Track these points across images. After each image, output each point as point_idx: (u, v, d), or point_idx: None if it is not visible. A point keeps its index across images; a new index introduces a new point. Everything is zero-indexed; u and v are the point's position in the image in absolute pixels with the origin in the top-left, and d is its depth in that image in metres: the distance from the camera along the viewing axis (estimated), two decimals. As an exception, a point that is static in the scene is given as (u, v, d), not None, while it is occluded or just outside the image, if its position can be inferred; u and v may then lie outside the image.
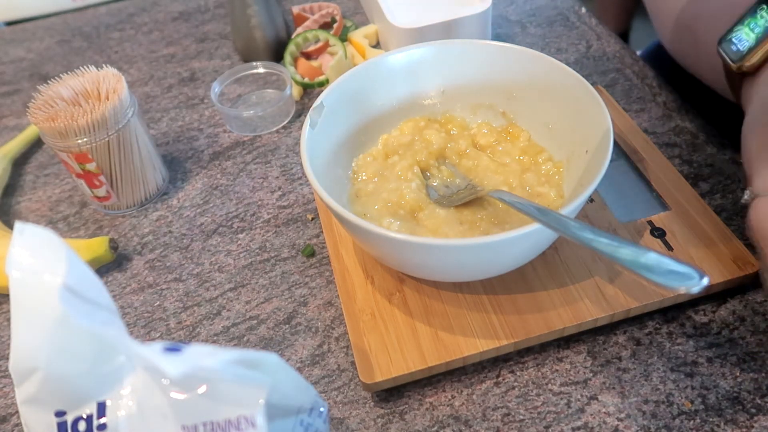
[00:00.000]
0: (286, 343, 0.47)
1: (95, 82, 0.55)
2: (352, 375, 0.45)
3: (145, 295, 0.52)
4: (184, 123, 0.70)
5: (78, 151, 0.54)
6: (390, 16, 0.68)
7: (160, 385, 0.30)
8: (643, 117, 0.61)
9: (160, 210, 0.60)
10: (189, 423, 0.30)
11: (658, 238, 0.47)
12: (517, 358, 0.44)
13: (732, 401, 0.40)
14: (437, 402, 0.42)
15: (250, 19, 0.74)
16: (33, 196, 0.64)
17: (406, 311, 0.45)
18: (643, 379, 0.42)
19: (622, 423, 0.40)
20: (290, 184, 0.60)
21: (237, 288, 0.52)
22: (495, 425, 0.41)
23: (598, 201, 0.50)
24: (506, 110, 0.53)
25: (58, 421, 0.31)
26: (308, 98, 0.70)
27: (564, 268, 0.46)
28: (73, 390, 0.31)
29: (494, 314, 0.44)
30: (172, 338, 0.49)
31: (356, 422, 0.42)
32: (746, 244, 0.46)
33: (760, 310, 0.45)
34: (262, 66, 0.71)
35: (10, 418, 0.46)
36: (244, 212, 0.58)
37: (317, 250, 0.53)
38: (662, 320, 0.45)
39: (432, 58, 0.52)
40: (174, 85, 0.76)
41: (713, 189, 0.53)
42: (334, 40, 0.73)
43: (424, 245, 0.38)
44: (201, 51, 0.81)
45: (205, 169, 0.64)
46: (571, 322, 0.42)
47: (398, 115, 0.54)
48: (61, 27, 0.91)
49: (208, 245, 0.56)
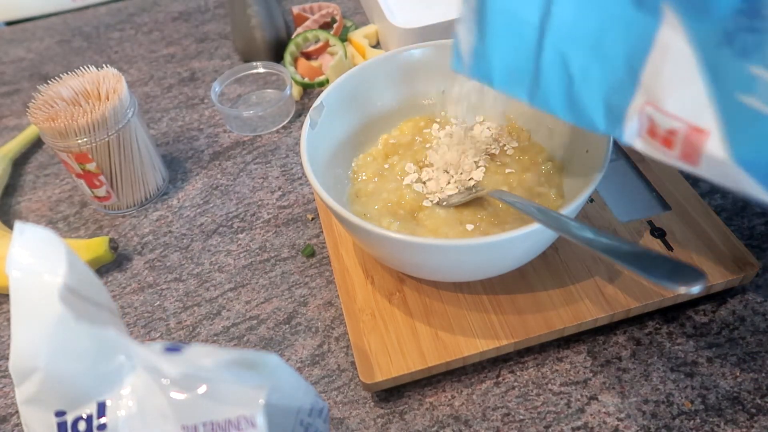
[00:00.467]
0: (286, 343, 0.47)
1: (95, 82, 0.55)
2: (352, 375, 0.45)
3: (145, 295, 0.52)
4: (184, 123, 0.70)
5: (78, 151, 0.54)
6: (390, 16, 0.68)
7: (160, 385, 0.30)
8: (643, 117, 0.61)
9: (160, 210, 0.60)
10: (189, 423, 0.30)
11: (658, 238, 0.47)
12: (517, 358, 0.44)
13: (732, 401, 0.40)
14: (437, 402, 0.42)
15: (250, 19, 0.74)
16: (33, 196, 0.64)
17: (406, 311, 0.45)
18: (643, 379, 0.42)
19: (622, 423, 0.40)
20: (290, 184, 0.60)
21: (237, 288, 0.52)
22: (495, 425, 0.41)
23: (598, 201, 0.50)
24: (506, 110, 0.53)
25: (58, 421, 0.31)
26: (308, 98, 0.70)
27: (564, 268, 0.46)
28: (73, 390, 0.31)
29: (494, 314, 0.44)
30: (172, 338, 0.49)
31: (356, 422, 0.42)
32: (746, 244, 0.46)
33: (760, 310, 0.45)
34: (262, 66, 0.71)
35: (10, 418, 0.46)
36: (244, 212, 0.58)
37: (317, 250, 0.53)
38: (662, 320, 0.45)
39: (432, 58, 0.52)
40: (174, 85, 0.76)
41: (713, 189, 0.53)
42: (334, 40, 0.73)
43: (424, 245, 0.38)
44: (201, 51, 0.81)
45: (205, 169, 0.64)
46: (571, 322, 0.42)
47: (398, 115, 0.53)
48: (61, 27, 0.91)
49: (208, 245, 0.56)
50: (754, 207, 0.51)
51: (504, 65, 0.35)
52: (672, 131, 0.29)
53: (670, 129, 0.28)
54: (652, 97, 0.29)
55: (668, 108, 0.28)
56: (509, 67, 0.35)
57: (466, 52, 0.37)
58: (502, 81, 0.36)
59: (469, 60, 0.37)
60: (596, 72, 0.32)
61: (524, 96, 0.35)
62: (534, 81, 0.34)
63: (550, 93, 0.34)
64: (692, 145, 0.28)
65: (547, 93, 0.34)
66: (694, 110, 0.27)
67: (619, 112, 0.31)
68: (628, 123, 0.31)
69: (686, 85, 0.27)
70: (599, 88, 0.32)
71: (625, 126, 0.31)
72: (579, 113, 0.33)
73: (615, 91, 0.31)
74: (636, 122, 0.30)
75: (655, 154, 0.30)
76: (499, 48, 0.35)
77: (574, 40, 0.32)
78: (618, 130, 0.31)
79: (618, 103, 0.31)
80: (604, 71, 0.31)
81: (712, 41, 0.26)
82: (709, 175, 0.28)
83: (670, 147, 0.29)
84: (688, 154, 0.28)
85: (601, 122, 0.32)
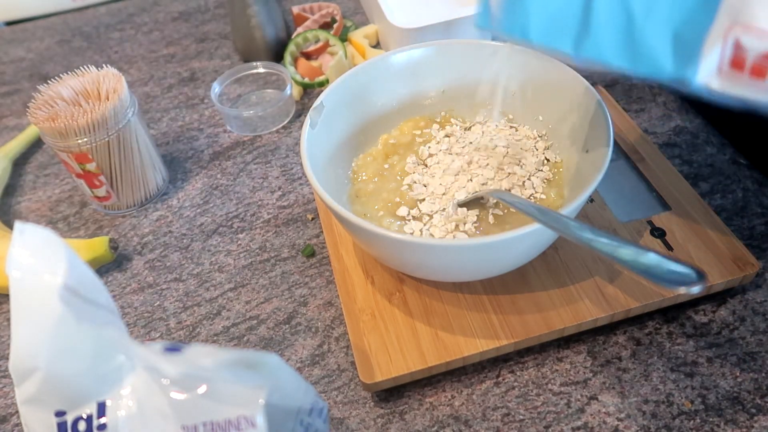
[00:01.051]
0: (286, 343, 0.47)
1: (95, 82, 0.55)
2: (352, 375, 0.45)
3: (145, 295, 0.52)
4: (184, 123, 0.70)
5: (78, 151, 0.54)
6: (390, 16, 0.68)
7: (160, 385, 0.30)
8: (643, 117, 0.61)
9: (160, 210, 0.60)
10: (189, 423, 0.30)
11: (658, 238, 0.47)
12: (517, 358, 0.44)
13: (732, 401, 0.40)
14: (437, 402, 0.42)
15: (250, 19, 0.74)
16: (33, 196, 0.64)
17: (406, 311, 0.45)
18: (643, 379, 0.42)
19: (622, 423, 0.40)
20: (290, 184, 0.60)
21: (237, 288, 0.52)
22: (495, 425, 0.41)
23: (598, 201, 0.50)
24: (506, 110, 0.53)
25: (58, 421, 0.31)
26: (308, 98, 0.70)
27: (564, 268, 0.46)
28: (73, 390, 0.31)
29: (494, 314, 0.44)
30: (172, 338, 0.49)
31: (356, 422, 0.42)
32: (746, 244, 0.46)
33: (760, 310, 0.45)
34: (262, 66, 0.71)
35: (10, 418, 0.46)
36: (244, 212, 0.58)
37: (317, 250, 0.53)
38: (662, 320, 0.45)
39: (432, 58, 0.52)
40: (174, 85, 0.76)
41: (713, 189, 0.53)
42: (334, 40, 0.73)
43: (424, 245, 0.38)
44: (201, 51, 0.81)
45: (205, 169, 0.64)
46: (571, 322, 0.42)
47: (398, 115, 0.54)
48: (61, 27, 0.91)
49: (208, 245, 0.56)
50: (754, 207, 0.51)
51: (545, 11, 0.31)
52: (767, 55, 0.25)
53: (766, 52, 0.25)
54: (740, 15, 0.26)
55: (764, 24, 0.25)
56: (551, 14, 0.31)
57: (496, 2, 0.32)
58: (543, 32, 0.31)
59: (500, 11, 0.32)
60: (664, 3, 0.28)
61: (569, 47, 0.31)
62: (583, 26, 0.30)
63: (603, 38, 0.30)
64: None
65: (599, 39, 0.30)
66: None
67: (695, 46, 0.27)
68: (705, 57, 0.27)
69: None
70: (668, 20, 0.28)
71: (700, 62, 0.27)
72: (640, 56, 0.29)
73: (689, 21, 0.27)
74: (716, 54, 0.27)
75: (738, 91, 0.26)
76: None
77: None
78: (690, 70, 0.27)
79: (693, 35, 0.27)
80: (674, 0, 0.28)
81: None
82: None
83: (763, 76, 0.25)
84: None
85: (668, 63, 0.28)
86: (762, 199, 0.52)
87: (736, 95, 0.27)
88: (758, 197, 0.52)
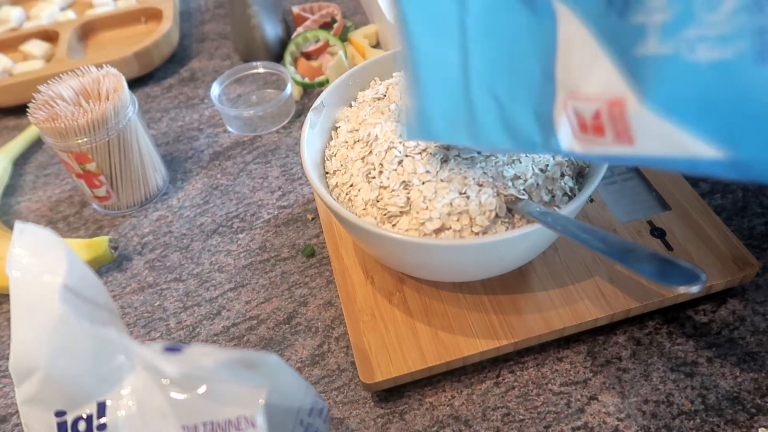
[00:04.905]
0: (286, 343, 0.47)
1: (95, 82, 0.55)
2: (352, 375, 0.45)
3: (145, 295, 0.52)
4: (184, 123, 0.70)
5: (78, 151, 0.54)
6: (390, 16, 0.68)
7: (160, 385, 0.30)
8: (643, 117, 0.61)
9: (160, 210, 0.60)
10: (189, 423, 0.30)
11: (658, 238, 0.47)
12: (517, 358, 0.44)
13: (732, 401, 0.40)
14: (437, 402, 0.42)
15: (250, 19, 0.74)
16: (33, 196, 0.64)
17: (406, 311, 0.45)
18: (643, 379, 0.42)
19: (622, 423, 0.40)
20: (290, 184, 0.60)
21: (237, 288, 0.52)
22: (495, 425, 0.41)
23: (598, 201, 0.50)
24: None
25: (58, 421, 0.31)
26: (308, 98, 0.70)
27: (564, 268, 0.46)
28: (73, 390, 0.31)
29: (494, 314, 0.44)
30: (172, 338, 0.49)
31: (356, 422, 0.42)
32: (746, 244, 0.46)
33: (760, 310, 0.45)
34: (262, 66, 0.71)
35: (10, 418, 0.46)
36: (244, 212, 0.58)
37: (317, 250, 0.53)
38: (662, 320, 0.45)
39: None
40: (174, 85, 0.76)
41: (713, 189, 0.53)
42: (334, 40, 0.73)
43: (424, 245, 0.38)
44: (201, 51, 0.81)
45: (205, 169, 0.64)
46: (571, 322, 0.42)
47: (398, 115, 0.53)
48: (61, 27, 0.90)
49: (208, 245, 0.56)
50: (754, 207, 0.51)
51: (442, 114, 0.36)
52: (597, 114, 0.28)
53: (595, 112, 0.29)
54: (570, 88, 0.30)
55: (586, 91, 0.29)
56: (447, 115, 0.36)
57: (411, 116, 0.37)
58: (446, 132, 0.36)
59: (415, 123, 0.37)
60: (520, 89, 0.32)
61: (467, 140, 0.35)
62: (471, 120, 0.35)
63: (487, 126, 0.34)
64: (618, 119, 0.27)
65: (484, 127, 0.34)
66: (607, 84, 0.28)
67: (549, 118, 0.31)
68: (560, 127, 0.31)
69: (593, 63, 0.28)
70: (526, 102, 0.32)
71: (558, 132, 0.31)
72: (517, 136, 0.33)
73: (540, 98, 0.32)
74: (566, 123, 0.31)
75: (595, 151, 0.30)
76: (434, 97, 0.36)
77: (493, 67, 0.33)
78: (554, 140, 0.31)
79: (545, 110, 0.32)
80: (526, 85, 0.32)
81: (600, 14, 0.27)
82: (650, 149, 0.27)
83: (602, 133, 0.29)
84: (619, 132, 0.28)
85: (537, 137, 0.32)
86: (762, 199, 0.52)
87: (597, 155, 0.30)
88: (758, 197, 0.52)
